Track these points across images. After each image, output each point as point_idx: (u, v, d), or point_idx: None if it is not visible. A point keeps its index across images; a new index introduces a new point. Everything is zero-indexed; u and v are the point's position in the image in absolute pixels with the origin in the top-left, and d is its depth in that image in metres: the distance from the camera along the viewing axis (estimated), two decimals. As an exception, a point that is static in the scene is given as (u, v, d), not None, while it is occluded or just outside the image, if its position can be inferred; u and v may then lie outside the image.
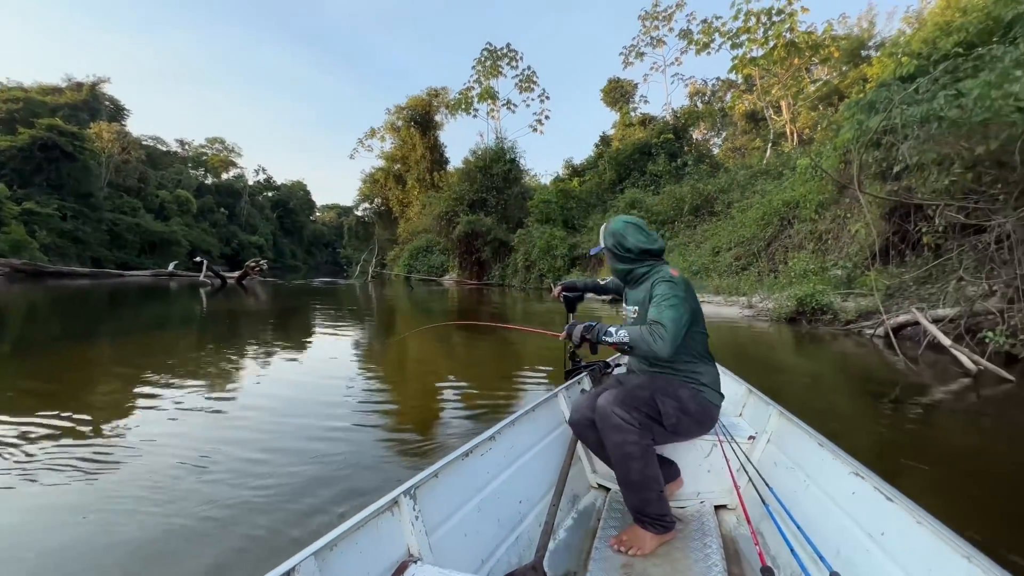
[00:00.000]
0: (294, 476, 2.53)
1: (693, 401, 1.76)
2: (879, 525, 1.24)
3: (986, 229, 5.79)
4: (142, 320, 9.23)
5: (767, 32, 19.94)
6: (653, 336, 1.58)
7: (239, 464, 2.67)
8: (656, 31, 28.38)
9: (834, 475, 1.49)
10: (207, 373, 4.81)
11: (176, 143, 67.29)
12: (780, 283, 10.04)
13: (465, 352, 6.89)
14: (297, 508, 2.20)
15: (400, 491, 1.27)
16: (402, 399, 4.23)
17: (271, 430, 3.24)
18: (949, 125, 4.86)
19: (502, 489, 1.66)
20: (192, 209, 52.86)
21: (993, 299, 5.14)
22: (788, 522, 1.47)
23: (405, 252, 34.24)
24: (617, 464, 1.68)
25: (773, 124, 23.46)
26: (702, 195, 16.87)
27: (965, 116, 4.59)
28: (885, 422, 3.60)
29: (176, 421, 3.38)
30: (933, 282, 7.17)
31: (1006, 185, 4.95)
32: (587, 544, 1.75)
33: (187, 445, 2.93)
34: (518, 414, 1.93)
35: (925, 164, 5.64)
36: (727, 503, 1.97)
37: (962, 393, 4.28)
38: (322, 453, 2.82)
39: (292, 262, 76.63)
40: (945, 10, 10.75)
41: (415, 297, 18.14)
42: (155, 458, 2.75)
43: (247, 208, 69.80)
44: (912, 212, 7.63)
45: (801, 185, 11.73)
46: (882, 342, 6.75)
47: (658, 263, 1.89)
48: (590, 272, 19.74)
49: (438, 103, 35.28)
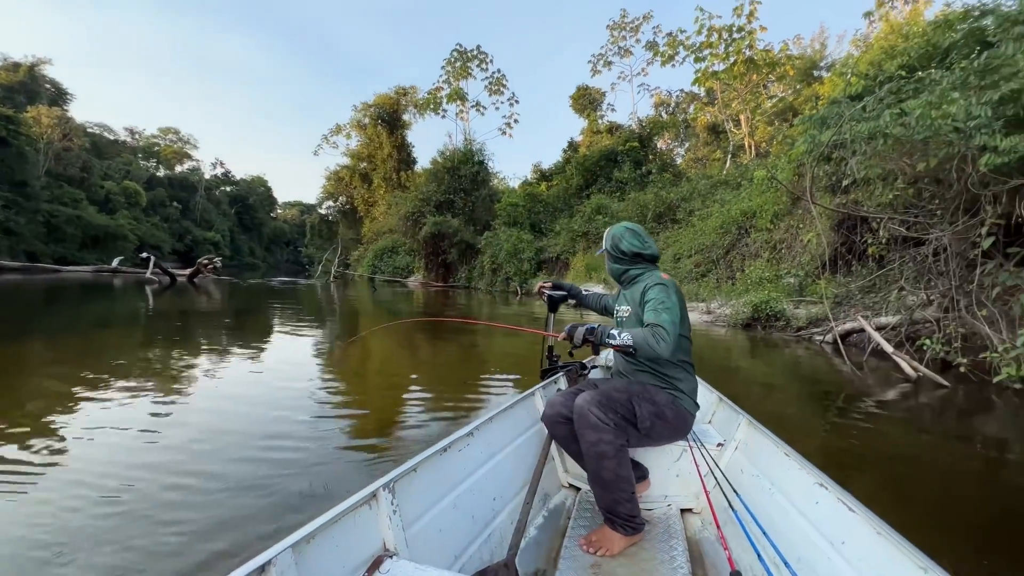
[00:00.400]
0: (221, 507, 2.21)
1: (670, 407, 1.82)
2: (840, 534, 1.27)
3: (925, 242, 6.14)
4: (77, 320, 8.58)
5: (728, 48, 20.69)
6: (656, 339, 1.64)
7: (159, 491, 2.35)
8: (624, 41, 28.99)
9: (799, 484, 1.52)
10: (142, 380, 4.45)
11: (125, 132, 63.88)
12: (737, 290, 10.36)
13: (430, 356, 6.74)
14: (213, 549, 1.88)
15: (379, 484, 1.27)
16: (359, 411, 4.00)
17: (204, 449, 2.89)
18: (893, 142, 5.13)
19: (478, 486, 1.68)
20: (141, 202, 50.18)
21: (931, 308, 5.45)
22: (754, 527, 1.50)
23: (370, 252, 33.53)
24: (590, 463, 1.70)
25: (733, 137, 24.34)
26: (665, 203, 17.27)
27: (908, 134, 4.85)
28: (831, 428, 3.71)
29: (92, 441, 2.98)
30: (877, 291, 7.55)
31: (943, 201, 5.27)
32: (557, 543, 1.78)
33: (100, 468, 2.58)
34: (495, 411, 1.95)
35: (871, 179, 5.94)
36: (693, 507, 2.02)
37: (903, 399, 4.49)
38: (260, 479, 2.49)
39: (251, 260, 73.91)
40: (889, 35, 11.46)
41: (378, 298, 17.74)
42: (56, 483, 2.41)
43: (202, 203, 66.93)
44: (859, 224, 8.02)
45: (758, 196, 12.18)
46: (830, 348, 7.04)
47: (650, 267, 2.01)
48: (556, 275, 19.87)
49: (406, 102, 34.81)
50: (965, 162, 4.73)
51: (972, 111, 4.63)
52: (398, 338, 7.66)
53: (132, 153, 61.27)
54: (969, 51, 6.71)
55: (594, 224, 18.65)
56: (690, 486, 2.02)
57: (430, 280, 26.45)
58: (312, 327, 8.88)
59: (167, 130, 69.17)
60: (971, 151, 4.57)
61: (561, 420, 1.87)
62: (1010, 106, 4.68)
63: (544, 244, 21.09)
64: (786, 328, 8.57)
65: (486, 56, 31.92)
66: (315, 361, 5.92)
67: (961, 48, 6.87)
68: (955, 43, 6.87)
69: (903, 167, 5.29)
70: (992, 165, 4.44)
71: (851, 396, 4.54)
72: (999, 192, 4.69)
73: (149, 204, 53.37)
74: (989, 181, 4.64)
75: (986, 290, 4.83)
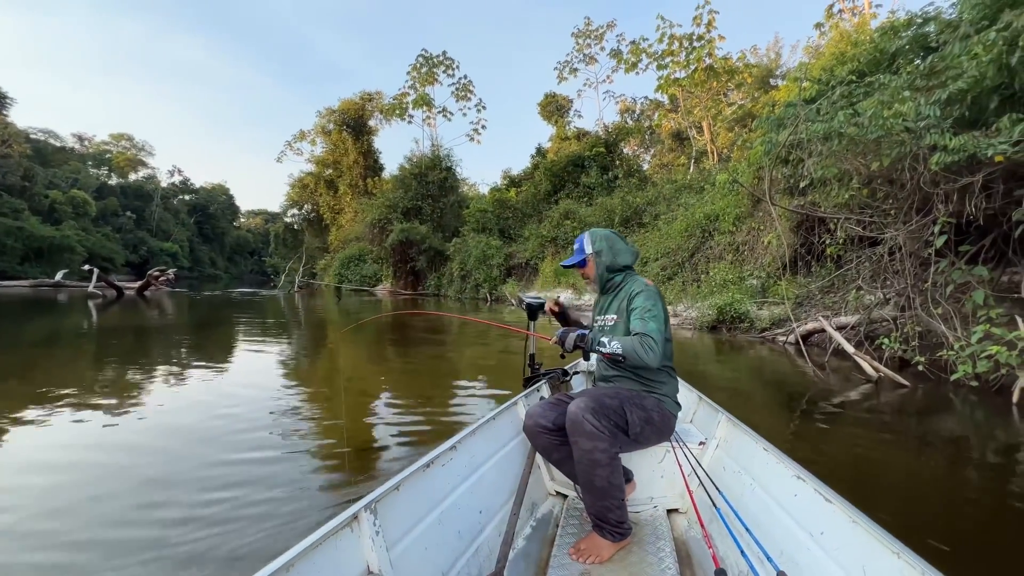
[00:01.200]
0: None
1: (656, 411, 1.83)
2: (819, 525, 1.30)
3: (880, 242, 6.22)
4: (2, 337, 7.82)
5: (688, 56, 21.16)
6: (644, 348, 1.66)
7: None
8: (588, 49, 29.37)
9: (778, 478, 1.56)
10: (68, 406, 3.98)
11: (74, 138, 60.77)
12: (702, 292, 10.40)
13: (399, 366, 6.39)
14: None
15: (361, 506, 1.22)
16: (318, 441, 3.68)
17: (114, 501, 2.37)
18: (847, 142, 5.16)
19: (463, 500, 1.64)
20: (90, 212, 47.71)
21: (888, 307, 5.49)
22: (737, 524, 1.51)
23: (336, 261, 32.72)
24: (583, 470, 1.66)
25: (696, 143, 24.88)
26: (631, 207, 17.38)
27: (861, 133, 4.88)
28: (796, 434, 3.61)
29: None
30: (836, 291, 7.65)
31: (896, 201, 5.33)
32: (546, 552, 1.76)
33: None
34: (478, 423, 1.92)
35: (827, 179, 5.99)
36: (679, 507, 2.02)
37: (864, 399, 4.45)
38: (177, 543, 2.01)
39: (212, 271, 71.32)
40: (839, 42, 11.84)
41: (343, 308, 17.13)
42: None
43: (159, 212, 64.29)
44: (816, 225, 8.14)
45: (720, 199, 12.33)
46: (793, 349, 7.06)
47: (631, 272, 2.03)
48: (525, 282, 19.73)
49: (372, 107, 34.21)
50: (917, 161, 4.78)
51: (922, 111, 4.68)
52: (365, 351, 7.27)
53: (81, 161, 58.42)
54: (914, 56, 6.92)
55: (562, 229, 18.61)
56: (675, 486, 2.03)
57: (398, 288, 25.93)
58: (267, 341, 8.38)
59: (120, 136, 66.25)
60: (922, 150, 4.62)
61: (541, 430, 1.83)
62: (957, 106, 4.76)
63: (513, 250, 20.94)
64: (750, 330, 8.61)
65: (452, 62, 31.78)
66: (265, 386, 5.47)
67: (907, 53, 7.08)
68: (901, 48, 7.06)
69: (858, 167, 5.33)
70: (943, 164, 4.48)
71: (814, 398, 4.47)
72: (950, 191, 4.74)
73: (100, 214, 50.90)
74: (940, 180, 4.69)
75: (940, 288, 4.87)
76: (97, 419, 3.62)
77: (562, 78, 30.20)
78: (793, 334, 7.17)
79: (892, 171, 5.07)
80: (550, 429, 1.80)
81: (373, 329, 9.78)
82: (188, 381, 5.02)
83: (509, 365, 5.77)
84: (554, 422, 1.80)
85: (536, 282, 18.67)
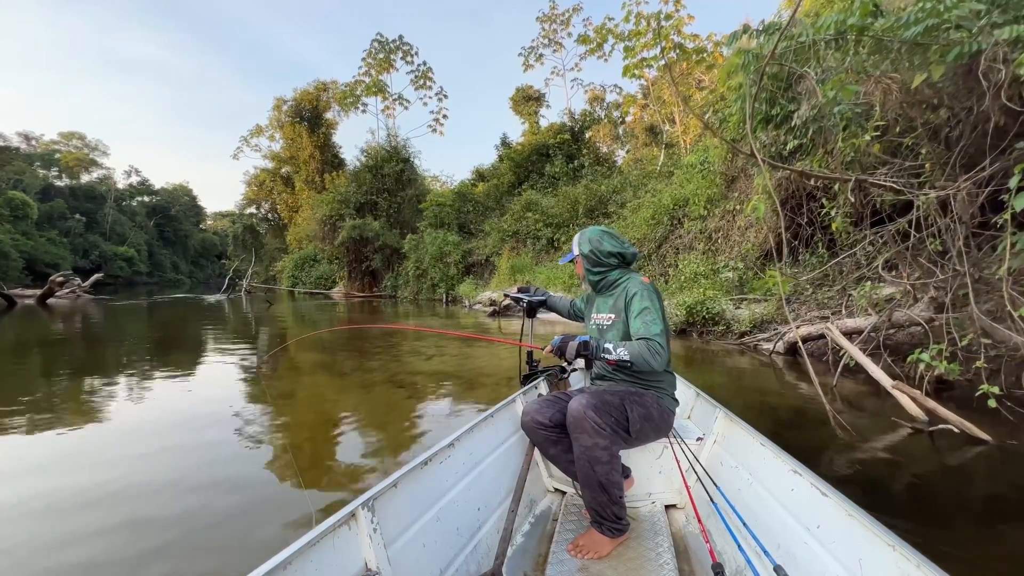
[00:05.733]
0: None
1: (656, 408, 1.80)
2: (815, 519, 1.28)
3: (891, 218, 4.59)
4: None
5: (656, 34, 19.71)
6: (652, 353, 1.61)
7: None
8: (555, 34, 27.69)
9: (774, 473, 1.54)
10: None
11: (19, 137, 56.76)
12: (671, 288, 8.74)
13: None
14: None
15: (358, 503, 1.21)
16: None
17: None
18: (872, 46, 3.41)
19: (461, 497, 1.62)
20: (31, 215, 44.40)
21: (918, 306, 3.81)
22: (734, 519, 1.50)
23: (290, 262, 30.42)
24: (582, 467, 1.64)
25: (668, 136, 23.48)
26: (596, 196, 15.73)
27: (898, 26, 3.11)
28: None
29: None
30: (831, 284, 6.04)
31: (941, 145, 3.54)
32: (544, 548, 1.75)
33: None
34: (477, 420, 1.88)
35: (826, 128, 4.27)
36: (677, 502, 2.01)
37: (929, 465, 2.72)
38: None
39: (173, 275, 68.03)
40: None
41: (275, 314, 15.01)
42: None
43: (113, 214, 60.81)
44: (804, 203, 6.53)
45: (689, 182, 10.73)
46: (782, 360, 5.43)
47: (628, 271, 1.97)
48: (484, 281, 17.92)
49: (328, 98, 31.91)
50: (992, 64, 2.95)
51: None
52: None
53: (27, 161, 54.63)
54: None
55: (524, 222, 16.85)
56: (673, 482, 2.02)
57: (354, 290, 23.87)
58: (158, 361, 6.38)
59: (70, 135, 62.41)
60: (1000, 47, 2.82)
61: (539, 427, 1.83)
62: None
63: (473, 246, 19.10)
64: (726, 334, 6.96)
65: (411, 47, 29.69)
66: (164, 417, 3.54)
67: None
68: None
69: (887, 87, 3.57)
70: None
71: (836, 459, 2.76)
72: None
73: (44, 217, 47.68)
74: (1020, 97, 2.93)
75: (1004, 279, 3.16)
76: None
77: (528, 65, 28.39)
78: (781, 341, 5.53)
79: (939, 93, 3.29)
80: (548, 426, 1.81)
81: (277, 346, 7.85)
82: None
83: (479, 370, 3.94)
84: (552, 419, 1.80)
85: (493, 278, 16.87)
